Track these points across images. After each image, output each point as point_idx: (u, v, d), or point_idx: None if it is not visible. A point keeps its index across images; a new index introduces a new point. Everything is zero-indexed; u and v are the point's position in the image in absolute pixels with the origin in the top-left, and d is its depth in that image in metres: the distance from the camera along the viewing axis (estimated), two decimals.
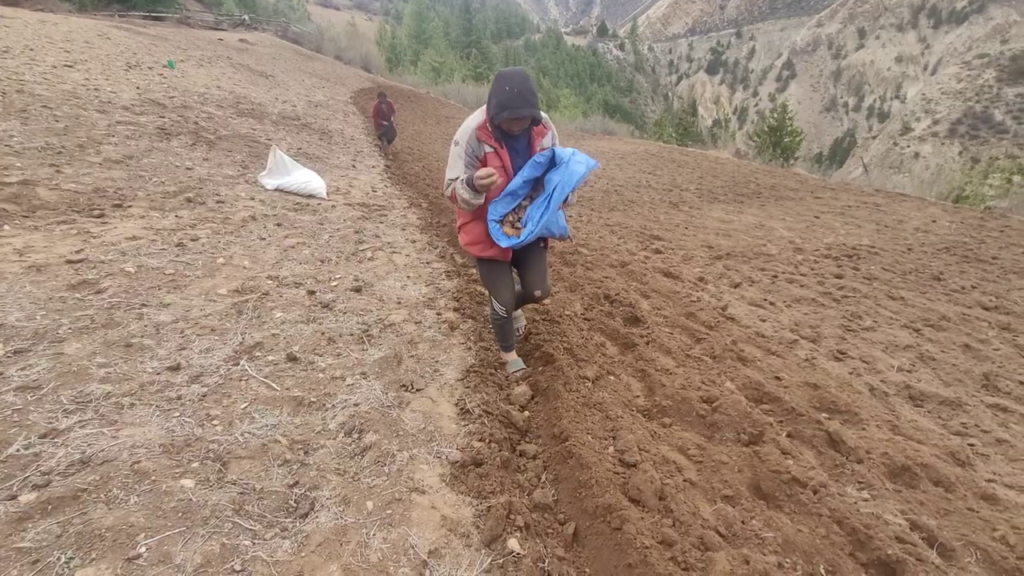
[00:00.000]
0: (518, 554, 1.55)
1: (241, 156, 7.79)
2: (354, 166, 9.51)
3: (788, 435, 2.41)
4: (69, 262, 3.12)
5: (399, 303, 3.39)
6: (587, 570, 1.60)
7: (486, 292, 2.96)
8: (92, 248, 3.40)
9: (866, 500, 2.02)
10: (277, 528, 1.53)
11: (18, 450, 1.63)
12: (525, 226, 2.28)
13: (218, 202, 5.19)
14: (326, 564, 1.43)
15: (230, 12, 35.39)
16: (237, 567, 1.38)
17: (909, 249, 8.10)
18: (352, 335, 2.82)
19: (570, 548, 1.69)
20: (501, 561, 1.53)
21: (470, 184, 2.15)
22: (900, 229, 9.67)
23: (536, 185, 2.31)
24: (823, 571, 1.67)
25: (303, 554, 1.46)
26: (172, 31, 22.70)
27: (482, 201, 2.25)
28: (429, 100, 28.95)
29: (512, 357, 2.85)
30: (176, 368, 2.23)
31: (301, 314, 3.00)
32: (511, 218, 2.34)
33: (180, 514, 1.50)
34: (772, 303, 4.81)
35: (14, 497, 1.47)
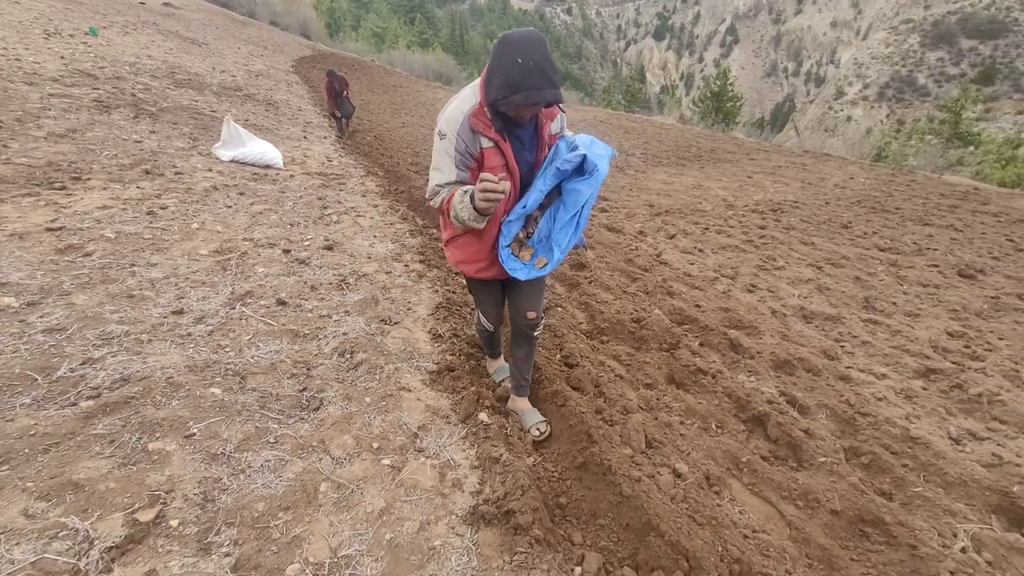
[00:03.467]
0: (487, 423, 2.03)
1: (188, 128, 7.67)
2: (305, 137, 9.47)
3: (700, 343, 3.00)
4: (49, 230, 3.28)
5: (369, 258, 3.75)
6: (548, 446, 2.11)
7: (475, 310, 2.52)
8: (66, 217, 3.55)
9: (752, 381, 2.63)
10: (296, 417, 1.95)
11: (65, 373, 1.94)
12: (540, 246, 1.79)
13: (176, 173, 5.26)
14: (340, 435, 1.87)
15: None
16: (271, 440, 1.80)
17: (826, 203, 9.02)
18: (331, 283, 3.18)
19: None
20: (475, 429, 2.02)
21: (473, 202, 1.55)
22: (821, 186, 10.62)
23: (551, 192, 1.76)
24: (714, 426, 2.25)
25: (321, 430, 1.88)
26: None
27: (484, 224, 1.65)
28: (375, 69, 28.07)
29: (499, 363, 2.49)
30: (180, 312, 2.55)
31: (281, 269, 3.32)
32: (520, 235, 1.84)
33: (217, 409, 1.88)
34: (701, 250, 5.46)
35: (75, 404, 1.81)
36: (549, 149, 1.77)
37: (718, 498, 1.81)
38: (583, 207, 1.70)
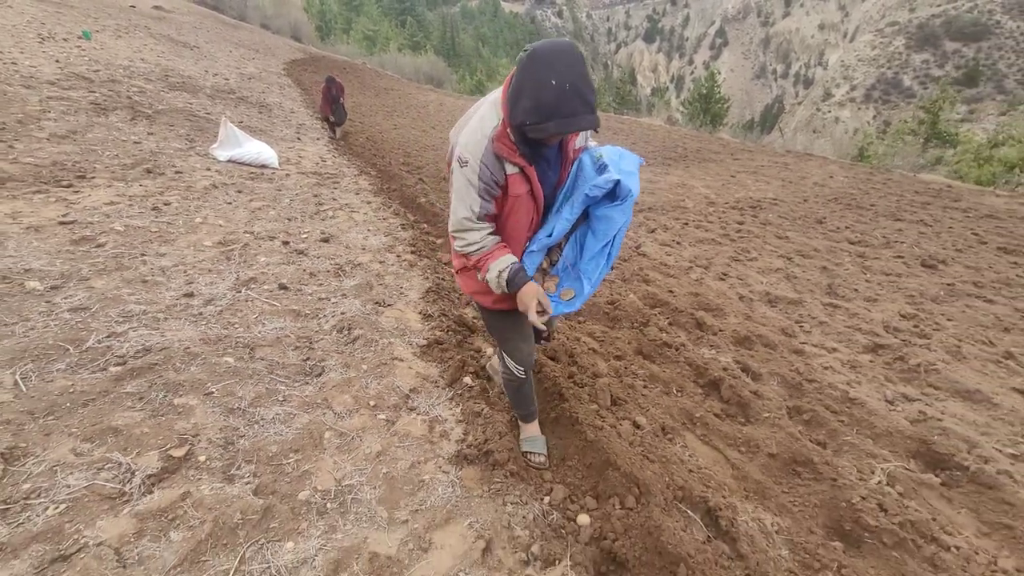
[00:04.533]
0: (471, 386, 2.30)
1: (184, 130, 7.86)
2: (299, 138, 9.67)
3: (669, 323, 3.28)
4: (62, 223, 3.50)
5: (364, 249, 4.00)
6: None
7: (497, 348, 2.04)
8: (77, 212, 3.77)
9: (712, 354, 2.91)
10: (301, 381, 2.20)
11: (93, 344, 2.18)
12: (565, 275, 1.64)
13: (176, 173, 5.48)
14: (341, 395, 2.12)
15: None
16: (280, 399, 2.04)
17: (804, 200, 9.36)
18: (328, 271, 3.42)
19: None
20: (460, 391, 2.28)
21: (513, 282, 1.50)
22: (801, 184, 10.98)
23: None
24: (674, 390, 2.53)
25: (324, 391, 2.13)
26: None
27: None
28: (366, 71, 28.30)
29: (534, 431, 2.07)
30: (191, 295, 2.78)
31: (281, 258, 3.56)
32: (543, 264, 1.70)
33: (231, 374, 2.13)
34: (679, 243, 5.75)
35: (105, 369, 2.04)
36: (572, 164, 1.60)
37: (671, 444, 2.08)
38: (615, 236, 1.53)
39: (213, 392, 1.99)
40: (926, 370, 3.00)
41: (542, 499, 1.76)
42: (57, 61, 9.65)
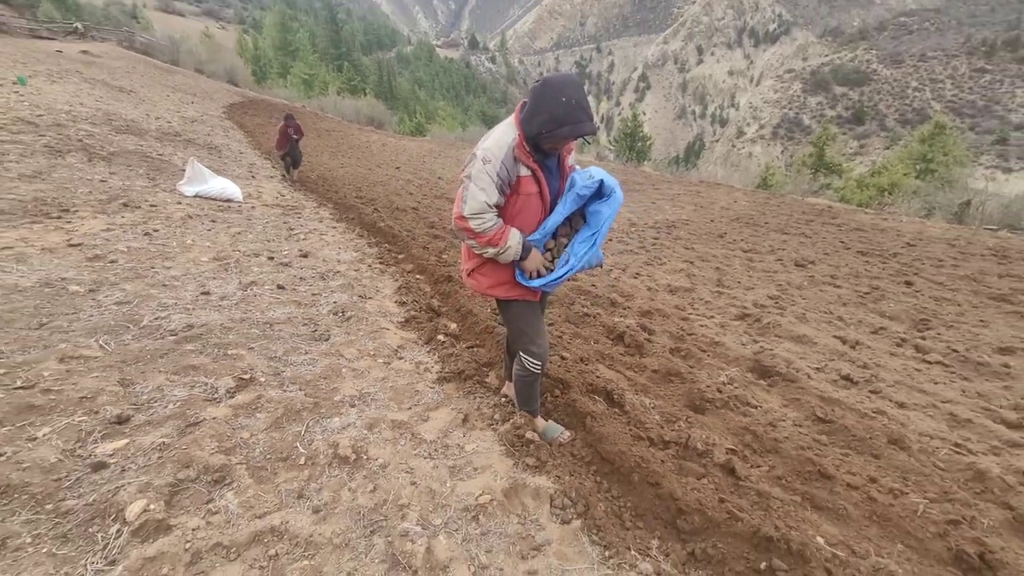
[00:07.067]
0: (443, 341, 3.11)
1: (143, 170, 8.26)
2: (253, 176, 10.21)
3: (590, 303, 4.24)
4: (71, 245, 4.03)
5: (339, 261, 4.74)
6: (479, 351, 3.20)
7: (514, 344, 2.26)
8: (79, 237, 4.28)
9: (621, 319, 3.88)
10: (315, 343, 2.93)
11: (148, 323, 2.81)
12: (562, 262, 1.98)
13: (151, 206, 5.99)
14: (347, 348, 2.87)
15: (50, 16, 32.07)
16: (304, 352, 2.77)
17: (711, 220, 10.88)
18: (314, 277, 4.15)
19: (470, 347, 3.27)
20: (435, 346, 3.08)
21: (525, 247, 1.91)
22: (710, 208, 12.63)
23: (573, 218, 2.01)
24: (592, 342, 3.45)
25: (335, 347, 2.88)
26: None
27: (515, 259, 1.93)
28: (306, 114, 28.90)
29: (544, 422, 2.36)
30: (207, 293, 3.43)
31: (271, 269, 4.24)
32: (546, 256, 2.02)
33: (263, 339, 2.83)
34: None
35: (163, 338, 2.69)
36: (566, 180, 2.00)
37: (586, 367, 2.98)
38: (603, 225, 1.92)
39: (254, 348, 2.69)
40: (774, 326, 4.12)
41: (501, 398, 2.59)
42: None
